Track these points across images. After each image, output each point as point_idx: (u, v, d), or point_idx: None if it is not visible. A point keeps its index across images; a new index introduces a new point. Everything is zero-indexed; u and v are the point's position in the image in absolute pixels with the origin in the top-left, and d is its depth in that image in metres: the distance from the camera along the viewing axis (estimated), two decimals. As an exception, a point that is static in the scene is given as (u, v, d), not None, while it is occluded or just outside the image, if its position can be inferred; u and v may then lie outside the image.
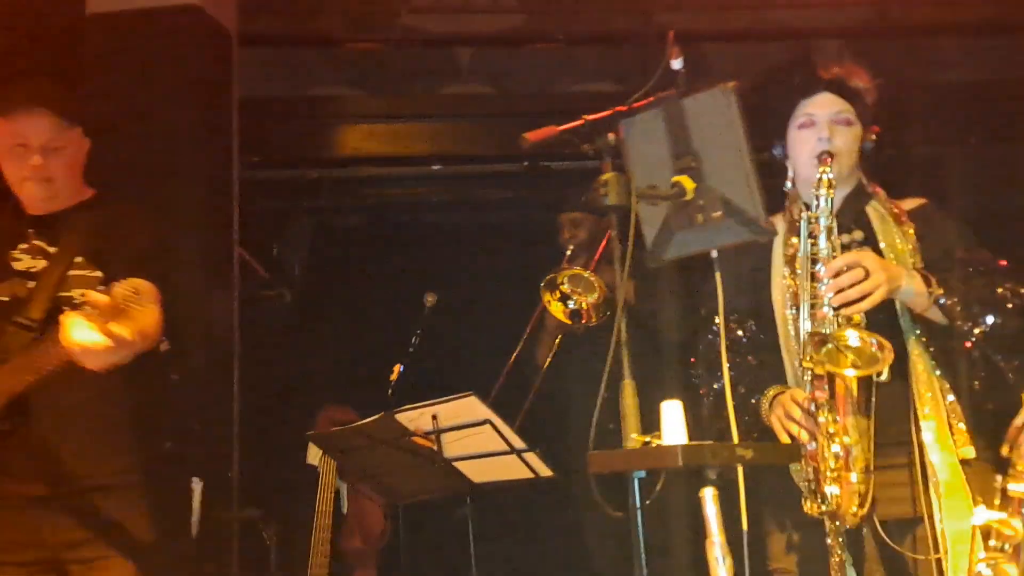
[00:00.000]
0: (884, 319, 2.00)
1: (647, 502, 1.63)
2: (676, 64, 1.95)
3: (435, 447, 2.59)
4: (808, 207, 2.04)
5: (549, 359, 3.52)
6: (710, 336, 2.12)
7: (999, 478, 1.46)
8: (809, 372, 1.86)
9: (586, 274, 3.46)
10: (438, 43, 4.77)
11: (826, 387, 1.81)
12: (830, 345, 1.80)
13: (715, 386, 2.13)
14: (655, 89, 1.95)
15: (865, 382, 1.81)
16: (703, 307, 2.19)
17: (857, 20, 4.62)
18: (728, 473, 1.61)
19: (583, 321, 3.46)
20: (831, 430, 1.83)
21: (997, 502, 1.44)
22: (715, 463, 1.46)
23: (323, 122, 4.66)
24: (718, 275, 1.91)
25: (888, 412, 1.95)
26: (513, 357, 3.53)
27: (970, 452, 1.93)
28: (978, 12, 4.62)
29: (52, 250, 2.18)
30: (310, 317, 4.70)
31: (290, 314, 4.59)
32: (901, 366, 1.97)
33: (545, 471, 2.61)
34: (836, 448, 1.81)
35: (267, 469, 3.81)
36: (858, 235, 2.09)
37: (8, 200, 2.26)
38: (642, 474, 1.61)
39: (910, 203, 2.14)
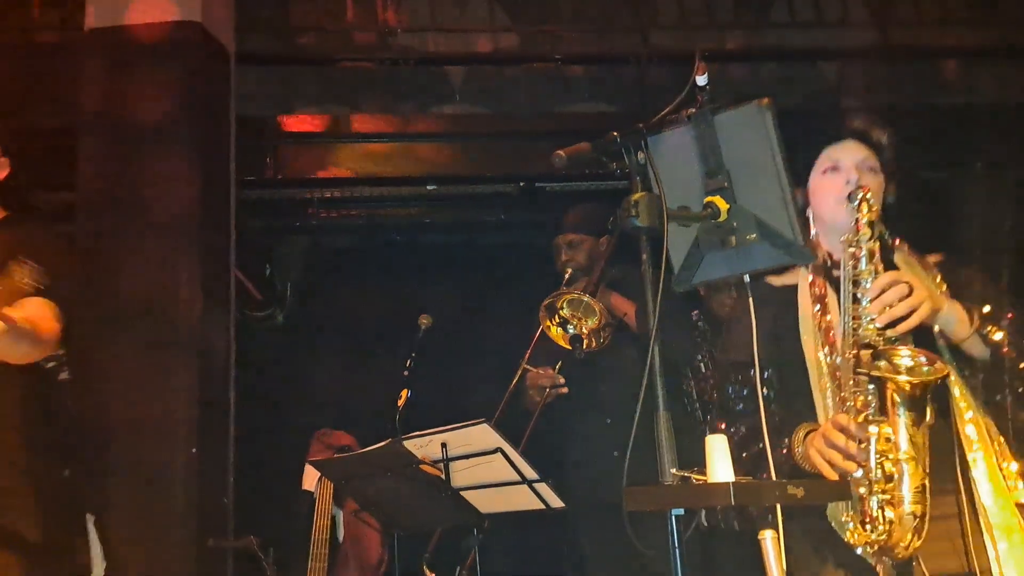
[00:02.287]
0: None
1: (682, 540, 1.56)
2: (701, 80, 1.89)
3: (443, 476, 2.50)
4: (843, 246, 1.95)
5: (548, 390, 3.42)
6: (733, 383, 2.02)
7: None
8: (854, 394, 1.78)
9: (585, 298, 3.39)
10: (432, 62, 4.71)
11: (875, 402, 1.73)
12: (883, 361, 1.72)
13: (736, 434, 2.02)
14: (681, 107, 1.89)
15: (919, 404, 1.72)
16: (724, 352, 2.11)
17: (859, 42, 4.62)
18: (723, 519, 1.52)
19: (583, 347, 3.39)
20: (880, 448, 1.71)
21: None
22: (768, 502, 1.38)
23: (316, 142, 4.58)
24: (751, 301, 1.84)
25: (932, 456, 1.81)
26: (513, 383, 3.45)
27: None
28: (980, 37, 4.66)
29: None
30: (302, 339, 4.59)
31: (282, 336, 4.49)
32: (943, 405, 1.88)
33: (557, 502, 2.53)
34: (888, 466, 1.70)
35: (261, 497, 3.69)
36: None
37: None
38: (679, 511, 1.53)
39: (931, 258, 2.09)
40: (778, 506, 1.62)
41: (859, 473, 1.70)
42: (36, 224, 2.40)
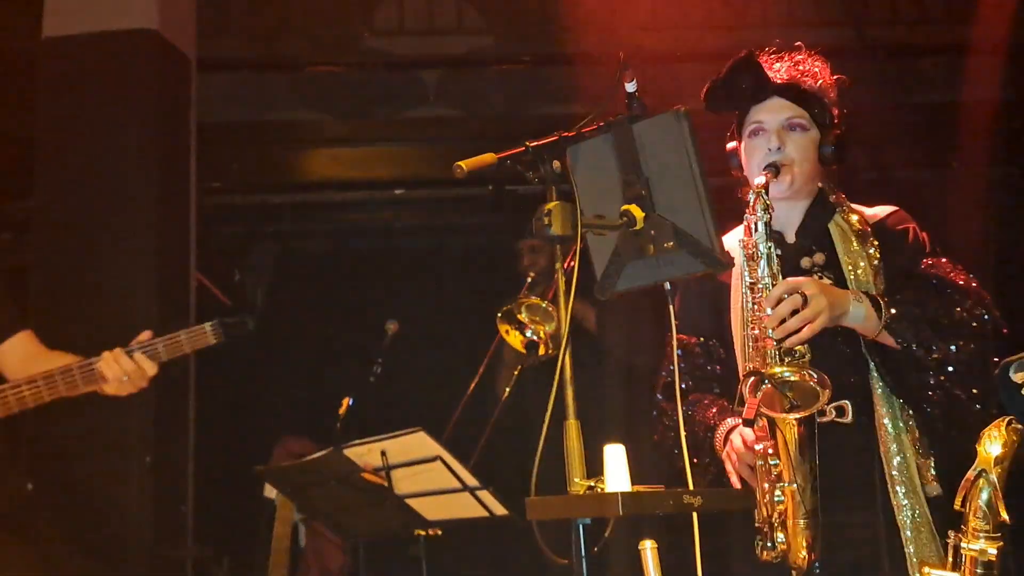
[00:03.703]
0: (849, 352, 1.92)
1: (594, 549, 1.55)
2: (630, 87, 1.87)
3: (385, 484, 2.49)
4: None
5: (508, 391, 3.42)
6: (669, 367, 2.02)
7: (951, 534, 1.37)
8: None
9: (544, 304, 3.38)
10: (403, 66, 4.70)
11: (767, 430, 1.72)
12: (766, 384, 1.71)
13: (669, 422, 2.04)
14: (609, 113, 1.87)
15: (808, 421, 1.72)
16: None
17: (835, 40, 4.59)
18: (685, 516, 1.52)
19: (541, 352, 3.38)
20: (774, 474, 1.73)
21: (950, 559, 1.35)
22: (660, 511, 1.37)
23: (286, 147, 4.59)
24: (671, 308, 1.82)
25: (852, 455, 1.85)
26: (470, 390, 3.44)
27: (936, 490, 1.84)
28: (955, 34, 4.62)
29: None
30: (272, 345, 4.58)
31: (251, 342, 4.47)
32: (866, 402, 1.88)
33: (500, 510, 2.52)
34: (778, 495, 1.71)
35: (222, 503, 3.68)
36: (820, 258, 2.00)
37: None
38: (586, 521, 1.52)
39: (877, 212, 2.04)
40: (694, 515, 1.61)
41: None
42: None
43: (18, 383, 2.10)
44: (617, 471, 1.43)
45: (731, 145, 2.11)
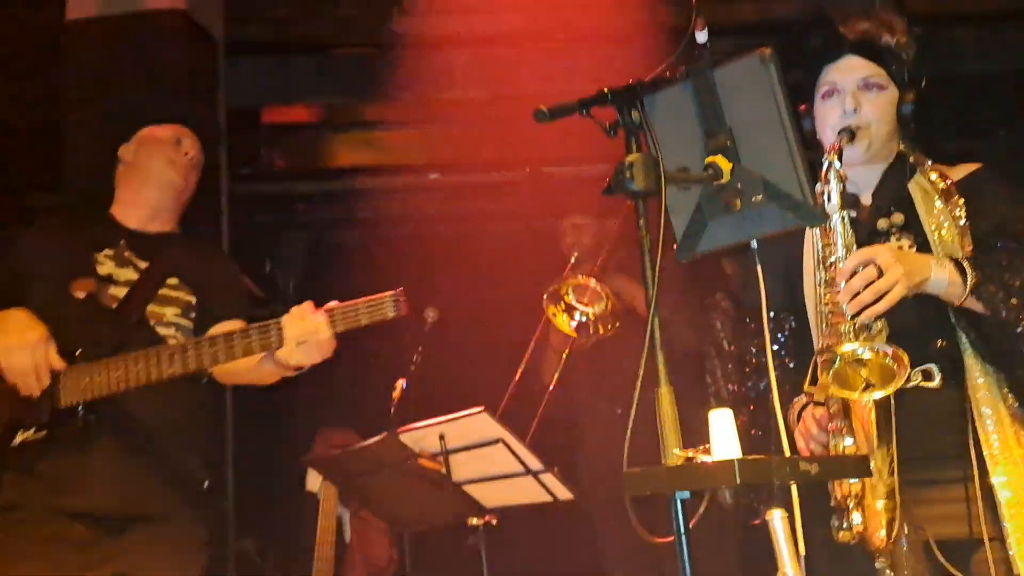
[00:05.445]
0: (935, 315, 1.79)
1: (691, 526, 1.42)
2: (701, 37, 1.75)
3: (443, 470, 2.38)
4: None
5: (555, 376, 3.30)
6: (754, 339, 1.91)
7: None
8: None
9: (591, 283, 3.25)
10: (432, 47, 4.58)
11: (841, 409, 1.61)
12: (838, 365, 1.59)
13: (753, 395, 1.92)
14: (678, 63, 1.75)
15: (885, 401, 1.61)
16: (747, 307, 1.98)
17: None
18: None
19: (590, 333, 3.26)
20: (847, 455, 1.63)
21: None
22: (778, 480, 1.24)
23: (315, 133, 4.48)
24: (759, 269, 1.70)
25: (942, 421, 1.75)
26: (516, 376, 3.32)
27: None
28: (1000, 3, 4.46)
29: (142, 264, 2.19)
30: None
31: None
32: (956, 369, 1.77)
33: (565, 494, 2.40)
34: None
35: (263, 497, 3.59)
36: (898, 219, 1.88)
37: (105, 210, 2.33)
38: (686, 495, 1.39)
39: (961, 170, 1.91)
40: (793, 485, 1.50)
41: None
42: (209, 243, 2.50)
43: (198, 341, 2.00)
44: (725, 438, 1.31)
45: (804, 106, 2.00)
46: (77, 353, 2.01)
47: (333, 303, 2.00)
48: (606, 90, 1.59)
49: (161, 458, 2.10)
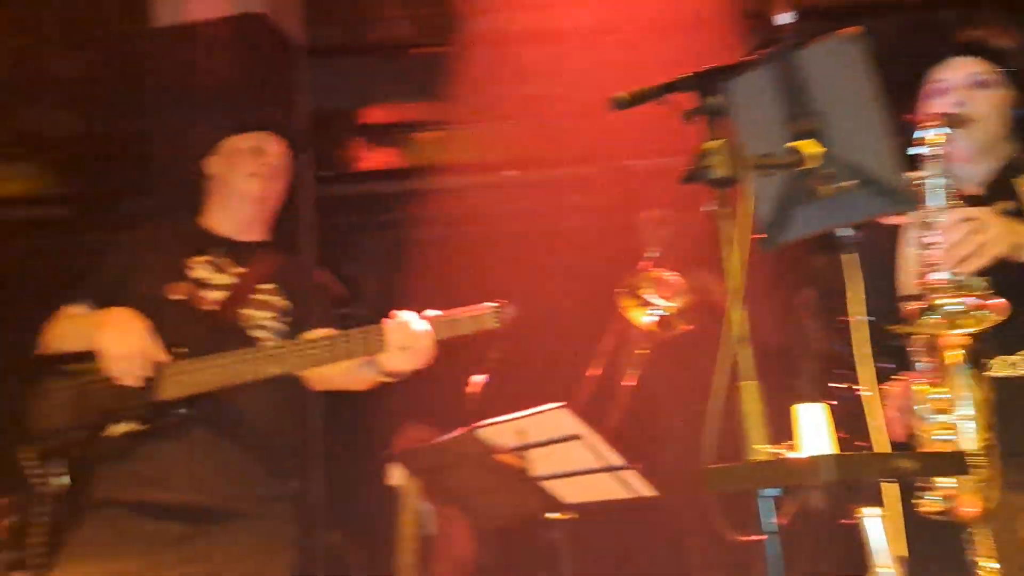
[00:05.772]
0: None
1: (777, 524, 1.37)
2: (784, 18, 1.69)
3: (522, 465, 2.36)
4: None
5: (635, 372, 3.25)
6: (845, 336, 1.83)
7: None
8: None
9: (670, 277, 3.19)
10: (506, 43, 4.57)
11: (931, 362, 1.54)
12: (933, 316, 1.51)
13: (842, 394, 1.85)
14: (760, 47, 1.69)
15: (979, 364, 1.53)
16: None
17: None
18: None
19: (670, 329, 3.19)
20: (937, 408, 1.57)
21: None
22: (871, 476, 1.18)
23: (395, 132, 4.52)
24: (848, 259, 1.63)
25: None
26: (595, 372, 3.29)
27: None
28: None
29: (238, 270, 2.22)
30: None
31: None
32: None
33: (646, 490, 2.35)
34: (942, 435, 1.53)
35: (350, 492, 3.65)
36: (1009, 205, 1.79)
37: (196, 217, 2.36)
38: (775, 492, 1.35)
39: None
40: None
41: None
42: (297, 253, 2.50)
43: (298, 342, 2.03)
44: (815, 433, 1.25)
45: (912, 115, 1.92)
46: (177, 350, 2.04)
47: (432, 311, 2.00)
48: (687, 75, 1.54)
49: (253, 455, 2.12)
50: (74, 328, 2.09)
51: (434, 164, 4.49)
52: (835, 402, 1.90)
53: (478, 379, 3.01)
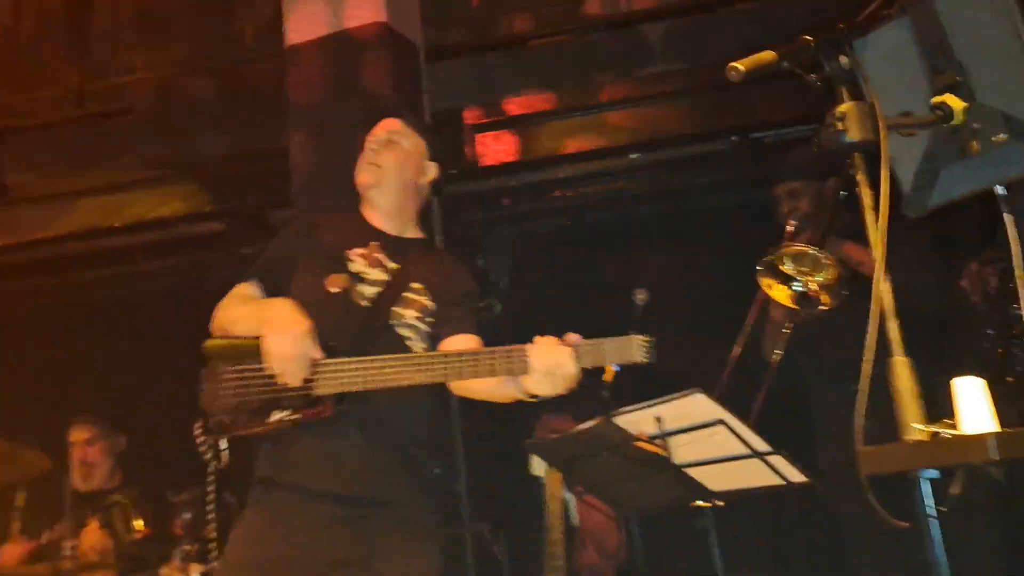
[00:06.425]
0: None
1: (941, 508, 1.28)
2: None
3: (663, 452, 2.32)
4: None
5: (779, 352, 3.11)
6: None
7: None
8: None
9: (811, 250, 3.03)
10: (624, 24, 4.49)
11: None
12: None
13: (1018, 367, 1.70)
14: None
15: None
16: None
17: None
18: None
19: (815, 305, 3.04)
20: None
21: None
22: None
23: (514, 127, 4.53)
24: (1009, 219, 1.50)
25: None
26: (737, 354, 3.17)
27: None
28: None
29: (392, 266, 2.25)
30: (520, 326, 4.57)
31: (500, 325, 4.49)
32: None
33: (797, 476, 2.26)
34: None
35: (494, 482, 3.69)
36: None
37: (358, 210, 2.38)
38: (934, 474, 1.26)
39: None
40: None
41: None
42: (447, 253, 2.52)
43: (446, 354, 2.07)
44: (976, 409, 1.16)
45: None
46: (332, 345, 2.10)
47: (574, 337, 2.00)
48: (808, 37, 1.45)
49: (399, 448, 2.17)
50: (245, 317, 2.17)
51: (558, 153, 4.47)
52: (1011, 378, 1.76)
53: (612, 367, 2.97)
